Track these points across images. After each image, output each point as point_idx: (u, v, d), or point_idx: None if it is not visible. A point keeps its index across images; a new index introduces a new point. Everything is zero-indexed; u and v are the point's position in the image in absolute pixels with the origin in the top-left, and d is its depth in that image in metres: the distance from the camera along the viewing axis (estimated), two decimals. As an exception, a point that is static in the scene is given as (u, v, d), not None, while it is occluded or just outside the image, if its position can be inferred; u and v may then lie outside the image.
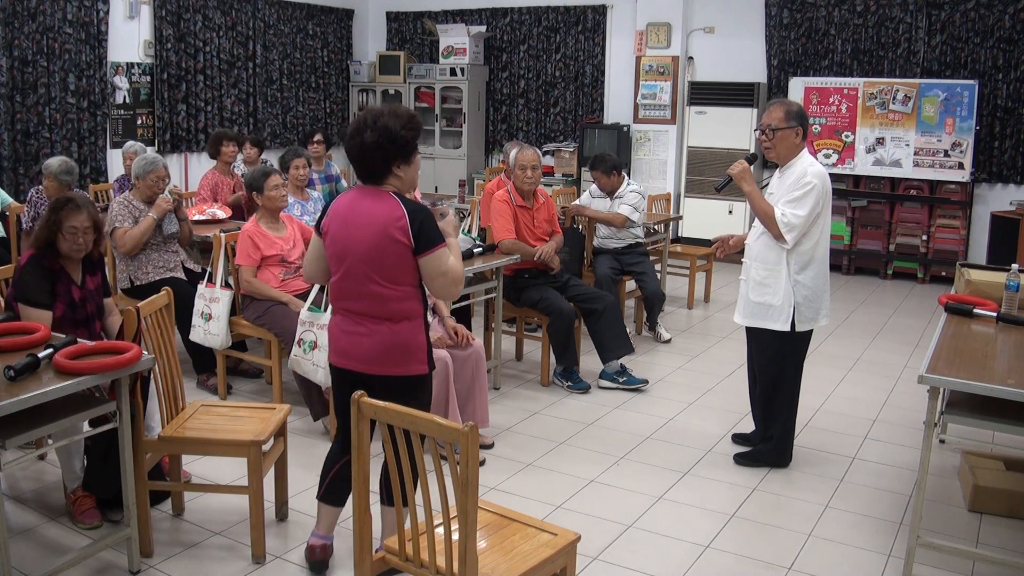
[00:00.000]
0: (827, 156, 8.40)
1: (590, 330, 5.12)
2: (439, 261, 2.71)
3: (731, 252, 4.10)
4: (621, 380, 5.02)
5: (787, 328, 3.80)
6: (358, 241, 2.72)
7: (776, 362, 3.91)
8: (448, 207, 2.92)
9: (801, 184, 3.68)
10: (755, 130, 3.94)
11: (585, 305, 5.11)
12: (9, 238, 5.75)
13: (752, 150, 7.72)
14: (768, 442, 4.04)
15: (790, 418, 4.00)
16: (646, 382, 5.06)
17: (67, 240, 3.34)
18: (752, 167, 3.88)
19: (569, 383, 5.03)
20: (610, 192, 5.99)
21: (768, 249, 3.81)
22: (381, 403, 2.25)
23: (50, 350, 2.75)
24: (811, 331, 3.90)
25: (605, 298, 5.12)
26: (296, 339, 4.12)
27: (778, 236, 3.72)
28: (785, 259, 3.77)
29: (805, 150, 3.80)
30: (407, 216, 2.68)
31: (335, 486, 2.98)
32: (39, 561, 3.03)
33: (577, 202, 6.23)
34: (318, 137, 6.88)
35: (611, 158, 6.04)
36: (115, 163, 7.93)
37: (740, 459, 4.08)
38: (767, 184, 3.98)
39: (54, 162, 5.18)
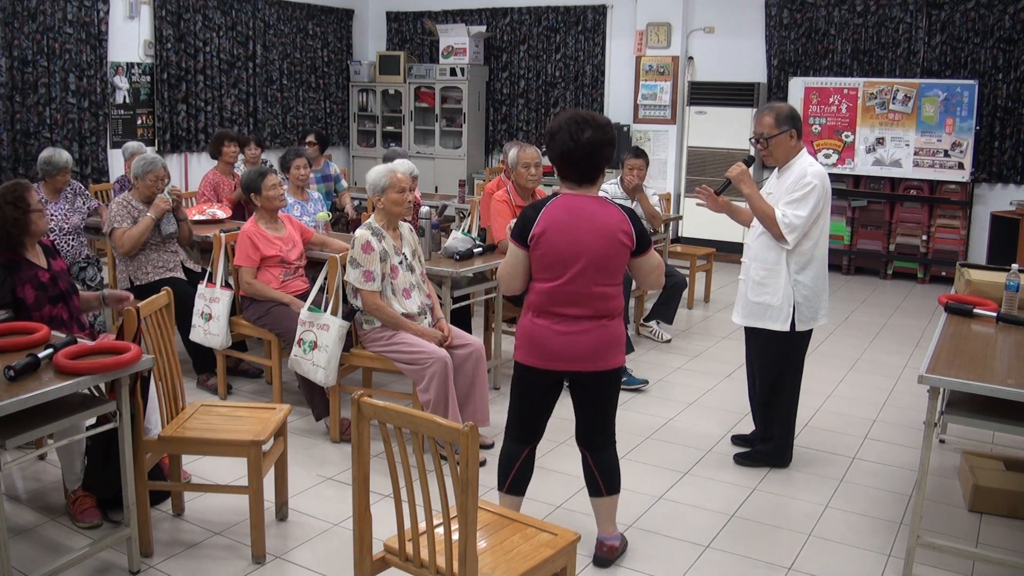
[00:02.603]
0: (827, 156, 8.40)
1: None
2: (653, 258, 2.96)
3: (711, 207, 3.97)
4: (621, 381, 5.00)
5: (787, 328, 3.80)
6: (591, 246, 2.82)
7: (776, 362, 3.91)
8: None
9: (801, 184, 3.67)
10: (750, 139, 3.93)
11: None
12: None
13: (751, 152, 7.76)
14: (768, 442, 4.04)
15: (790, 418, 4.00)
16: (646, 382, 5.05)
17: (41, 215, 3.50)
18: (751, 169, 3.87)
19: (624, 379, 4.94)
20: (631, 191, 5.94)
21: (767, 249, 3.81)
22: (381, 403, 2.26)
23: (50, 350, 2.75)
24: (811, 331, 3.90)
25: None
26: (296, 339, 4.12)
27: (779, 237, 3.72)
28: (785, 259, 3.76)
29: (804, 150, 3.79)
30: (629, 220, 2.86)
31: (520, 477, 3.13)
32: (39, 561, 3.03)
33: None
34: (310, 138, 6.90)
35: (645, 152, 6.04)
36: (116, 163, 7.93)
37: (740, 459, 4.08)
38: (761, 185, 3.97)
39: (63, 156, 5.14)
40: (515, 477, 3.11)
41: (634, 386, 5.01)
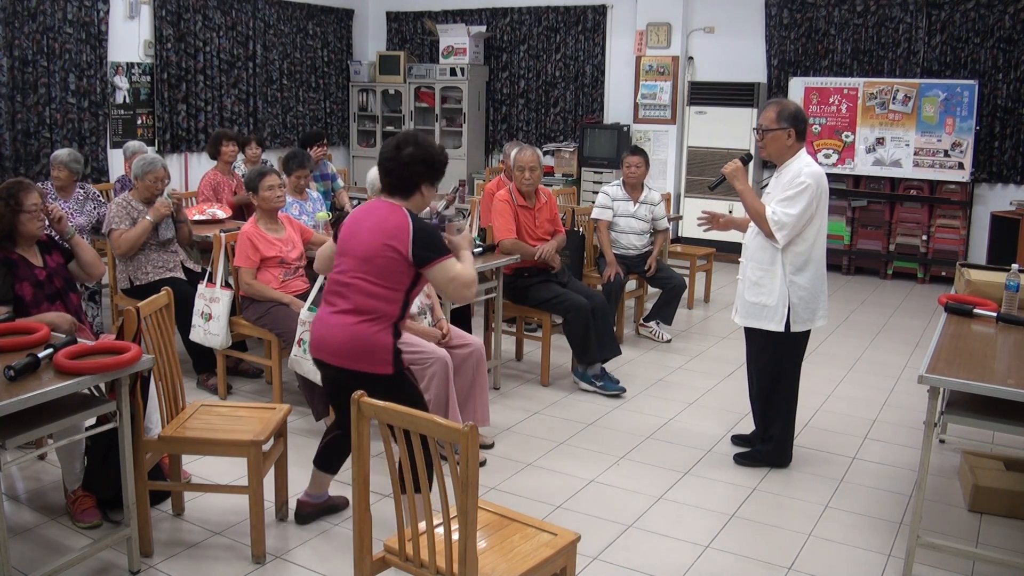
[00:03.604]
0: (827, 156, 8.40)
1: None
2: (444, 271, 2.98)
3: (717, 228, 4.04)
4: (599, 384, 4.94)
5: (781, 328, 3.80)
6: (362, 243, 3.00)
7: (773, 362, 3.92)
8: (463, 224, 3.21)
9: (795, 184, 3.67)
10: (753, 128, 3.94)
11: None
12: None
13: (749, 150, 7.76)
14: (768, 442, 4.04)
15: (789, 418, 4.00)
16: (623, 391, 4.93)
17: (32, 218, 3.45)
18: (750, 166, 3.86)
19: (601, 383, 4.92)
20: (634, 185, 5.94)
21: (762, 250, 3.81)
22: (381, 403, 2.26)
23: (50, 350, 2.75)
24: (808, 332, 3.90)
25: (595, 297, 5.09)
26: (296, 339, 4.12)
27: (769, 235, 3.72)
28: (780, 260, 3.76)
29: (803, 151, 3.78)
30: (411, 231, 2.94)
31: (324, 453, 3.38)
32: (39, 561, 3.03)
33: (596, 214, 5.93)
34: (324, 142, 7.00)
35: (643, 150, 6.05)
36: (116, 163, 7.93)
37: (740, 459, 4.08)
38: (766, 184, 3.98)
39: (63, 152, 5.32)
40: (322, 451, 3.37)
41: (611, 392, 4.89)
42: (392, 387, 2.98)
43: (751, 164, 3.87)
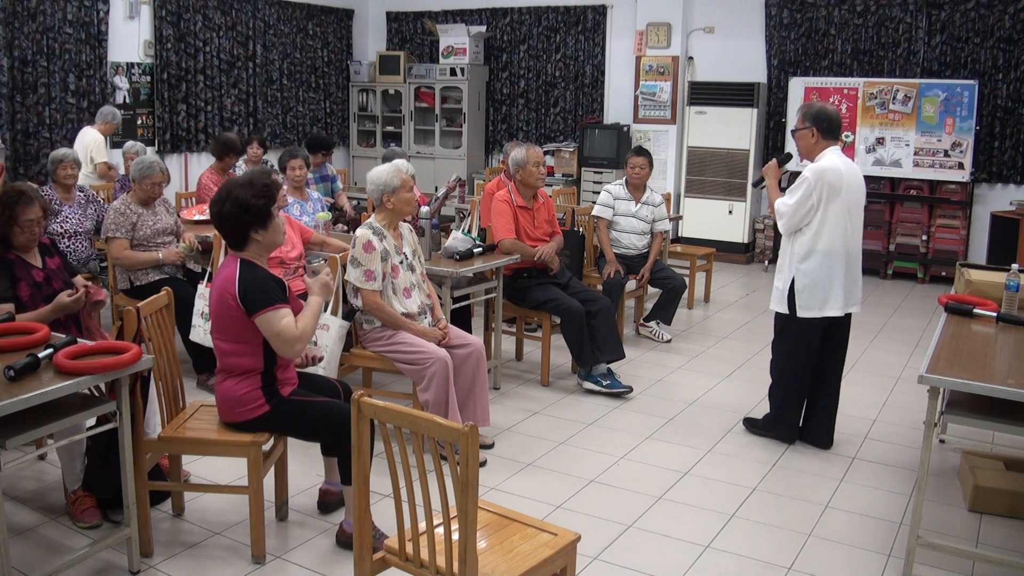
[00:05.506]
0: (827, 156, 8.41)
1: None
2: (267, 323, 2.97)
3: None
4: (605, 384, 4.95)
5: (782, 310, 4.09)
6: (213, 304, 3.07)
7: (782, 345, 4.19)
8: (323, 265, 3.18)
9: (799, 177, 3.98)
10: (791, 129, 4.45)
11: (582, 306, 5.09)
12: None
13: (787, 149, 7.91)
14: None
15: (788, 401, 4.23)
16: (630, 389, 4.95)
17: (24, 232, 3.42)
18: (785, 165, 4.27)
19: (608, 382, 4.92)
20: (637, 186, 5.95)
21: (782, 239, 4.18)
22: (381, 403, 2.26)
23: (50, 350, 2.75)
24: (820, 321, 4.05)
25: (600, 300, 5.09)
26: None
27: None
28: (789, 247, 4.07)
29: (830, 149, 3.99)
30: (237, 282, 2.98)
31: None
32: (39, 561, 3.03)
33: (597, 211, 5.96)
34: (330, 153, 7.04)
35: (647, 151, 6.10)
36: (115, 163, 7.91)
37: (747, 423, 4.44)
38: (758, 181, 4.36)
39: (58, 152, 5.25)
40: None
41: (617, 390, 4.91)
42: (276, 423, 3.11)
43: (786, 163, 4.29)
